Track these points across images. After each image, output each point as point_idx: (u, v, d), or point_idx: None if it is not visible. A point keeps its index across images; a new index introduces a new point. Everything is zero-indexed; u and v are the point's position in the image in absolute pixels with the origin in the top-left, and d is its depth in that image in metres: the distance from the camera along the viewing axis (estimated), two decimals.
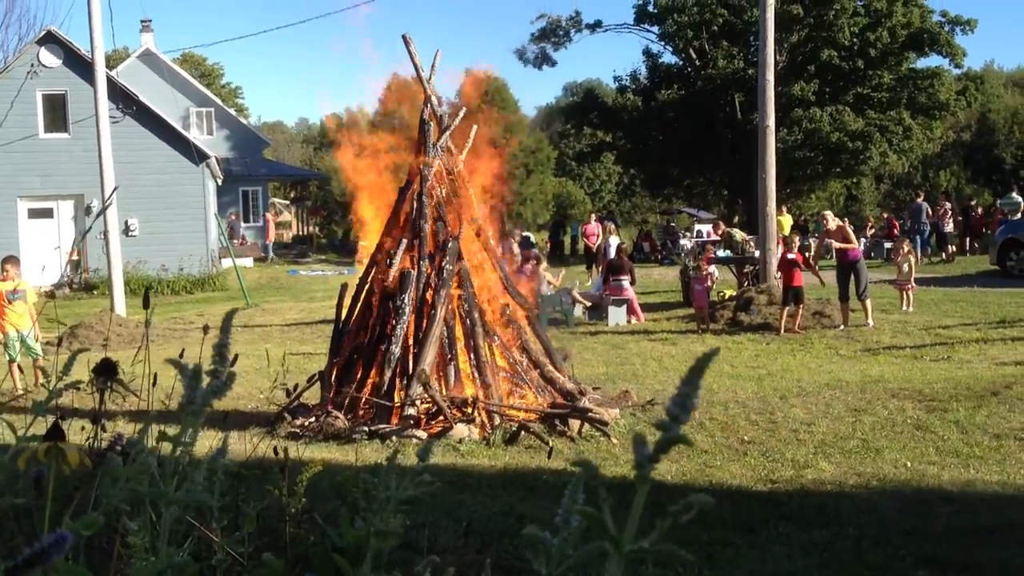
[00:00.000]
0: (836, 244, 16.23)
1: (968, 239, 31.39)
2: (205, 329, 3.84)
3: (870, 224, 37.41)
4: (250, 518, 2.62)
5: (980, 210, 33.79)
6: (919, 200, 31.19)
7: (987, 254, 25.88)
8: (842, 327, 15.75)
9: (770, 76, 17.79)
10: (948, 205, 31.56)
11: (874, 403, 10.09)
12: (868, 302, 15.92)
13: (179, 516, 1.69)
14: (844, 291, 15.95)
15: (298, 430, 9.30)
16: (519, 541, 4.91)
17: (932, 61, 38.85)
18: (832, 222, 16.67)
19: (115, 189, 10.13)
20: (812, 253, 17.97)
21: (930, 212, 30.27)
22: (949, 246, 29.83)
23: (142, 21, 43.95)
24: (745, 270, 20.05)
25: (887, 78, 37.65)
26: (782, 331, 15.60)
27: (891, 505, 6.77)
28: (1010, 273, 22.94)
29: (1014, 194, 31.10)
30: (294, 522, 3.36)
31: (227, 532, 2.45)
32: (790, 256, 16.19)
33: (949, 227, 30.24)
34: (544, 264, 19.61)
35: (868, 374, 12.01)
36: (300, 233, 54.35)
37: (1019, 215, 28.31)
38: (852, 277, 15.88)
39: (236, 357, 1.94)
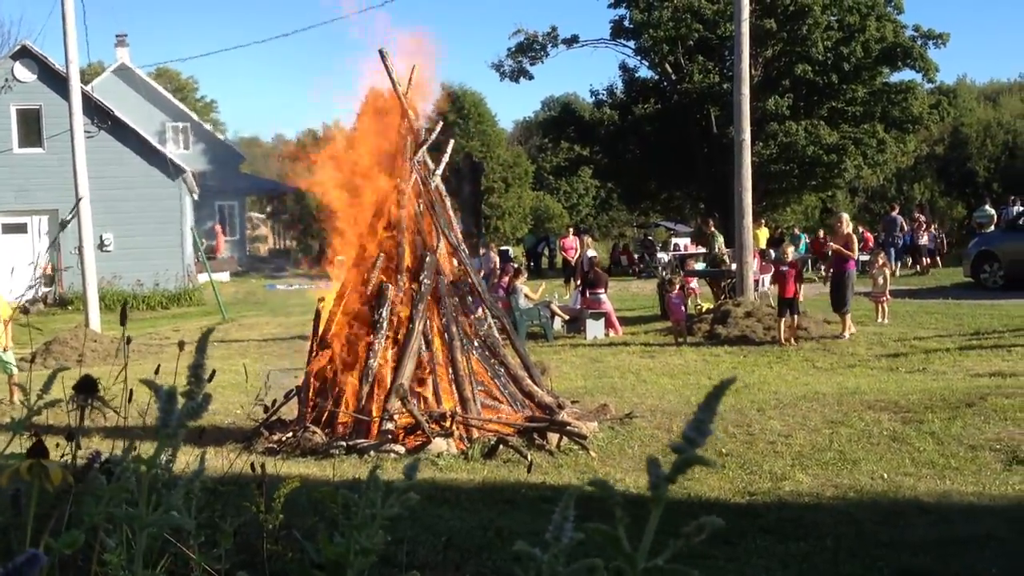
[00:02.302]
0: (834, 245, 16.27)
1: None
2: (181, 345, 3.82)
3: None
4: (227, 534, 2.60)
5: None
6: (893, 213, 31.44)
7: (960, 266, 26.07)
8: (846, 335, 15.83)
9: (745, 90, 17.91)
10: (922, 218, 31.80)
11: (850, 415, 10.13)
12: (847, 316, 16.03)
13: (155, 533, 1.68)
14: (836, 301, 16.16)
15: (275, 445, 9.26)
16: (498, 556, 4.90)
17: (905, 75, 39.22)
18: (847, 226, 16.66)
19: (79, 200, 10.05)
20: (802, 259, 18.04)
21: (904, 225, 30.51)
22: (924, 258, 30.04)
23: (117, 36, 43.82)
24: (722, 283, 20.12)
25: (861, 92, 37.94)
26: (781, 341, 15.65)
27: (868, 516, 6.81)
28: (984, 285, 23.10)
29: (987, 207, 31.37)
30: (272, 538, 3.34)
31: (204, 549, 2.44)
32: (783, 268, 16.26)
33: (924, 239, 30.47)
34: (522, 277, 19.61)
35: (844, 386, 12.07)
36: (277, 247, 54.17)
37: (992, 227, 28.54)
38: (837, 289, 16.04)
39: (213, 373, 1.93)
